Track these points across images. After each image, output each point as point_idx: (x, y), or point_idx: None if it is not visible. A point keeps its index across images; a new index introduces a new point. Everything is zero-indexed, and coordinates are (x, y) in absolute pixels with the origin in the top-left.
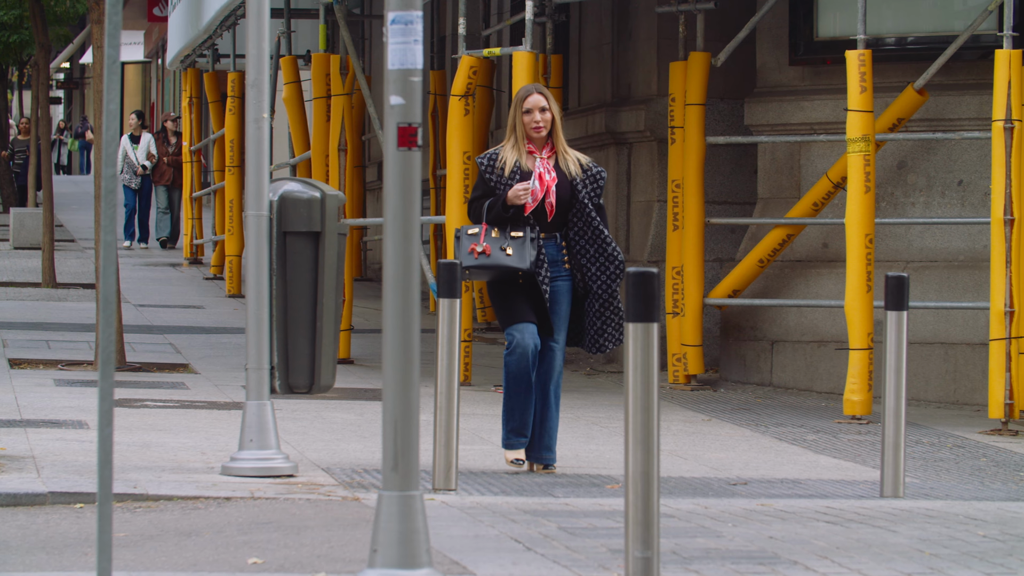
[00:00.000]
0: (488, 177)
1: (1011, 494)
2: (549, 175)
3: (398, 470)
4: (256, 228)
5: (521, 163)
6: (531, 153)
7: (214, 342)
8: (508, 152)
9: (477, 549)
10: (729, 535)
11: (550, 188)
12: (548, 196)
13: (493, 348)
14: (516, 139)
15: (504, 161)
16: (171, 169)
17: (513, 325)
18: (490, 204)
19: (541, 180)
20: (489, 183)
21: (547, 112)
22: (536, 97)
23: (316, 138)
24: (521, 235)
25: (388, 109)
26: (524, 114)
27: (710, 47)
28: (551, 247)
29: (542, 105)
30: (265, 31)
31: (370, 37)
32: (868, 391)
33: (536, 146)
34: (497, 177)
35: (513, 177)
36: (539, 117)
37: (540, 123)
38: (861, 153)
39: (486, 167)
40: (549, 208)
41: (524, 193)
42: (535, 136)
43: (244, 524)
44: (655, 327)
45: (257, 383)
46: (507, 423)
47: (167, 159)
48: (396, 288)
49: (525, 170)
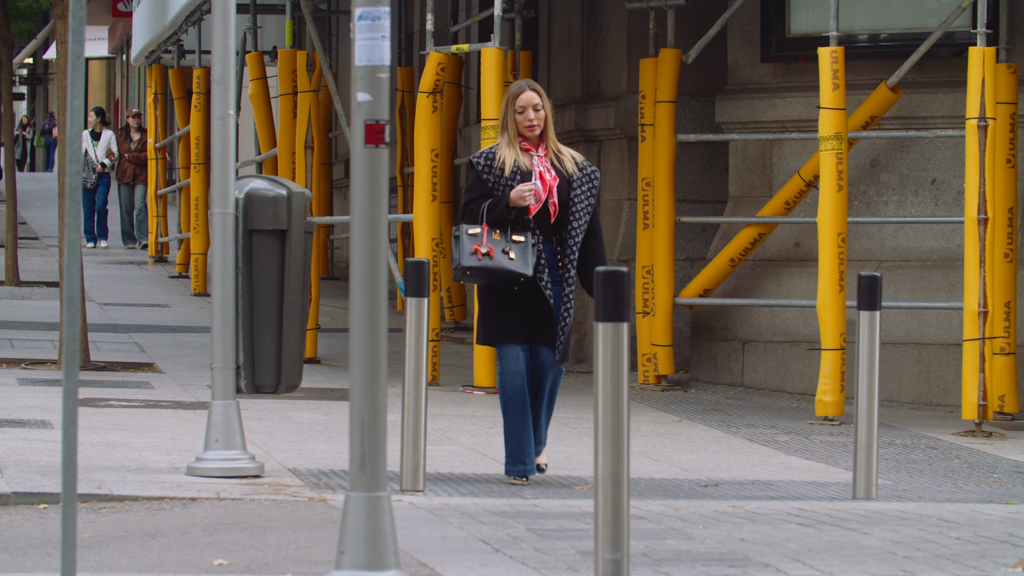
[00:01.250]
0: (486, 177)
1: (984, 496)
2: (550, 175)
3: (365, 471)
4: (222, 226)
5: (519, 163)
6: (526, 151)
7: (179, 341)
8: (505, 151)
9: (445, 551)
10: (700, 537)
11: (552, 188)
12: (551, 196)
13: (461, 348)
14: (509, 137)
15: (503, 161)
16: (132, 166)
17: (503, 345)
18: (490, 205)
19: (543, 180)
20: (487, 183)
21: (541, 110)
22: (529, 94)
23: (282, 135)
24: (523, 239)
25: (355, 106)
26: (517, 112)
27: (681, 44)
28: (548, 251)
29: (535, 103)
30: (231, 27)
31: (337, 33)
32: (840, 392)
33: (530, 144)
34: (496, 177)
35: (514, 177)
36: (533, 115)
37: (534, 121)
38: (833, 151)
39: (483, 167)
40: (553, 209)
41: (529, 194)
42: (529, 134)
43: (210, 525)
44: (625, 327)
45: (223, 382)
46: (506, 446)
47: (128, 156)
48: (363, 287)
49: (524, 169)
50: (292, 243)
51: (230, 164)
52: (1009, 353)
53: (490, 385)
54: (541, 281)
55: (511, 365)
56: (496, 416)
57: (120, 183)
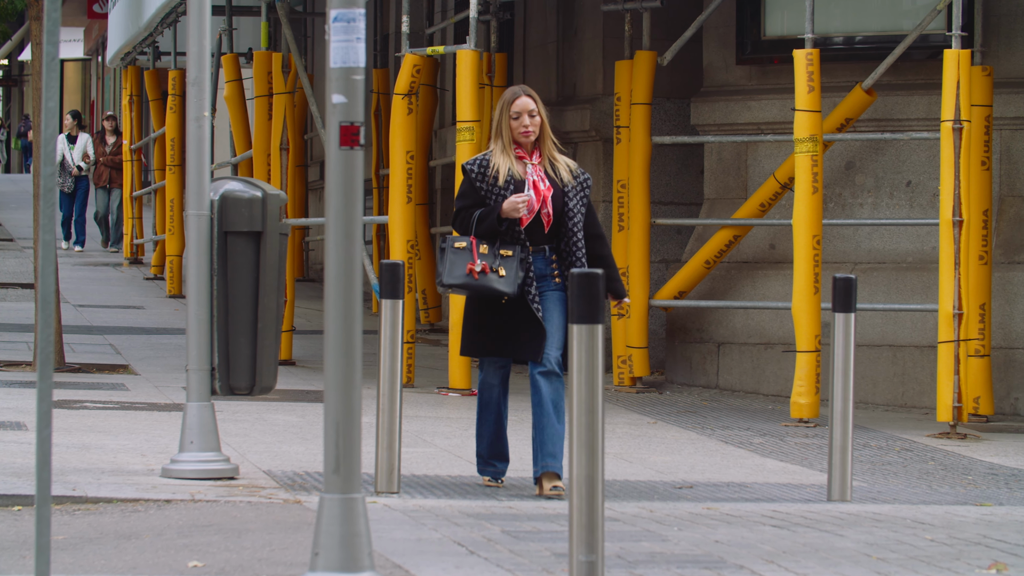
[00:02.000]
0: (479, 185)
1: (959, 498)
2: (543, 184)
3: (340, 473)
4: (197, 228)
5: (513, 172)
6: (520, 158)
7: (155, 343)
8: (499, 158)
9: (420, 553)
10: (674, 539)
11: (546, 199)
12: (544, 207)
13: (436, 350)
14: (503, 144)
15: (496, 168)
16: (108, 170)
17: (483, 358)
18: (481, 215)
19: (536, 190)
20: (479, 191)
21: (536, 116)
22: (524, 100)
23: (258, 137)
24: (511, 253)
25: (330, 108)
26: (512, 119)
27: (656, 46)
28: (539, 260)
29: (530, 108)
30: (206, 28)
31: (313, 35)
32: (815, 394)
33: (525, 151)
34: (488, 186)
35: (508, 186)
36: (528, 122)
37: (530, 128)
38: (809, 153)
39: (476, 174)
40: (546, 219)
41: (522, 205)
42: (523, 141)
43: (184, 527)
44: (600, 328)
45: (198, 384)
46: (477, 446)
47: (103, 160)
48: (338, 288)
49: (517, 178)
50: (267, 245)
51: (205, 166)
52: (984, 355)
53: (465, 387)
54: (529, 295)
55: (489, 378)
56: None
57: (96, 187)
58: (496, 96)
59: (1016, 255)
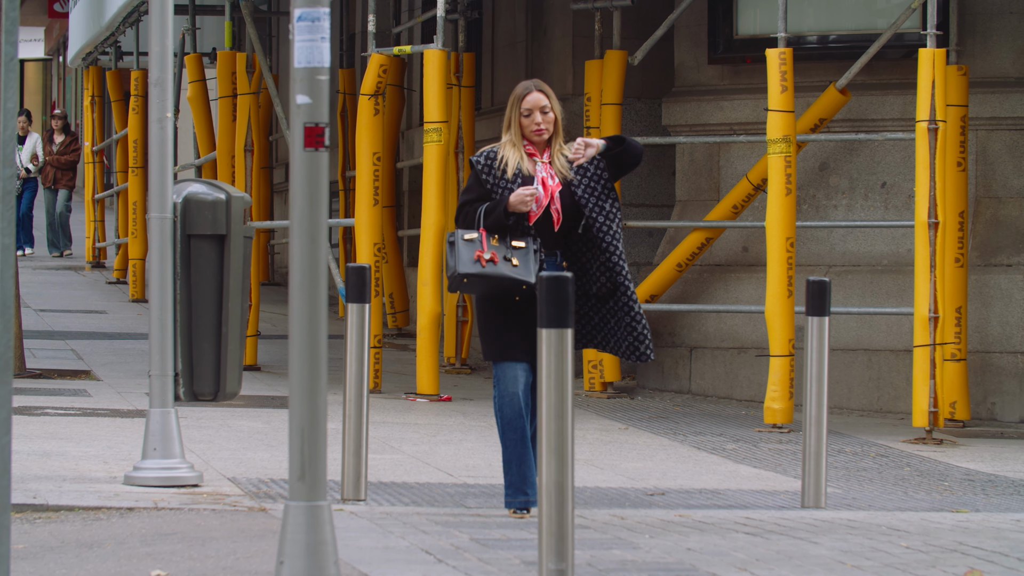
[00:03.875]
0: (485, 178)
1: (935, 504)
2: (552, 180)
3: (305, 480)
4: (160, 231)
5: (522, 167)
6: (531, 156)
7: (117, 348)
8: (508, 151)
9: (387, 561)
10: (646, 547)
11: (554, 194)
12: (553, 203)
13: (404, 355)
14: (514, 139)
15: (505, 161)
16: (54, 170)
17: (501, 363)
18: (488, 208)
19: (545, 186)
20: (485, 185)
21: (549, 113)
22: (536, 96)
23: (222, 138)
24: (524, 245)
25: (294, 108)
26: (523, 116)
27: (627, 45)
28: (551, 266)
29: (543, 104)
30: (169, 28)
31: (277, 34)
32: (789, 399)
33: (536, 149)
34: (496, 179)
35: (516, 180)
36: (540, 119)
37: (543, 126)
38: (782, 154)
39: (483, 166)
40: (556, 216)
41: (530, 198)
42: (536, 139)
43: (147, 535)
44: (569, 332)
45: (161, 390)
46: (505, 475)
47: (50, 159)
48: (302, 292)
49: (526, 174)
50: (231, 248)
51: (168, 168)
52: (960, 359)
53: (433, 392)
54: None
55: (508, 387)
56: (440, 424)
57: (44, 188)
58: (464, 97)
59: (992, 257)
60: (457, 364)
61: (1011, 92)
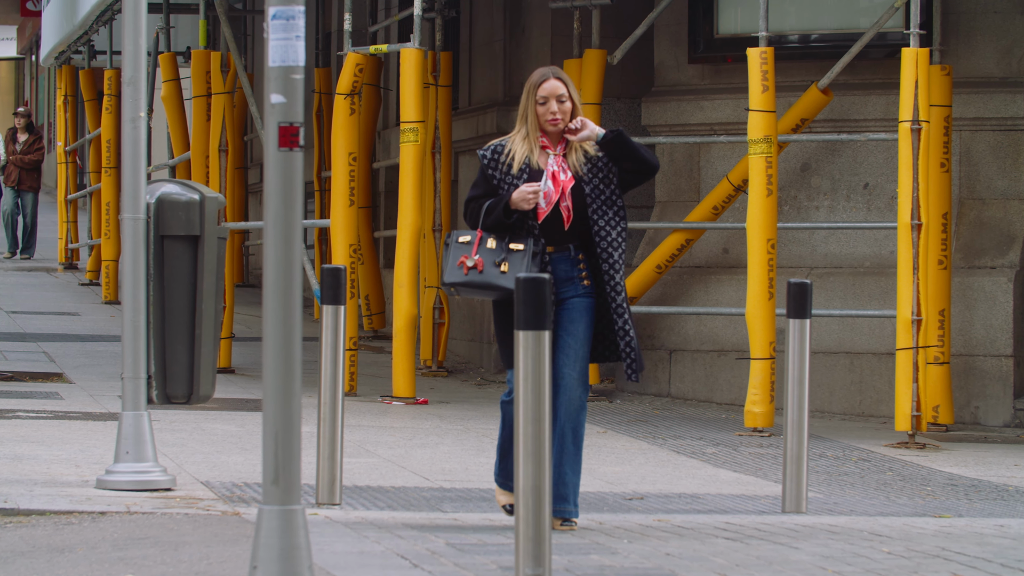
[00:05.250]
0: (491, 173)
1: (917, 509)
2: (565, 175)
3: (279, 484)
4: (132, 232)
5: (532, 159)
6: (544, 148)
7: (90, 350)
8: (517, 144)
9: (362, 566)
10: (624, 552)
11: (565, 190)
12: (564, 200)
13: (380, 357)
14: (527, 130)
15: (512, 154)
16: (17, 170)
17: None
18: (490, 206)
19: (555, 180)
20: (491, 180)
21: (566, 102)
22: (553, 83)
23: (196, 138)
24: (522, 247)
25: (269, 108)
26: (539, 104)
27: (606, 44)
28: (563, 262)
29: (560, 93)
30: (142, 26)
31: (252, 33)
32: (770, 402)
33: (551, 141)
34: (502, 174)
35: (521, 175)
36: (556, 108)
37: (558, 115)
38: (763, 155)
39: (489, 160)
40: (566, 214)
41: (533, 195)
42: (551, 129)
43: (119, 540)
44: (547, 335)
45: (133, 393)
46: (501, 460)
47: (13, 159)
48: (276, 294)
49: (535, 168)
50: (205, 249)
51: (141, 168)
52: (943, 362)
53: (409, 396)
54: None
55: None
56: (416, 427)
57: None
58: (441, 96)
59: (976, 259)
60: (433, 367)
61: (995, 92)
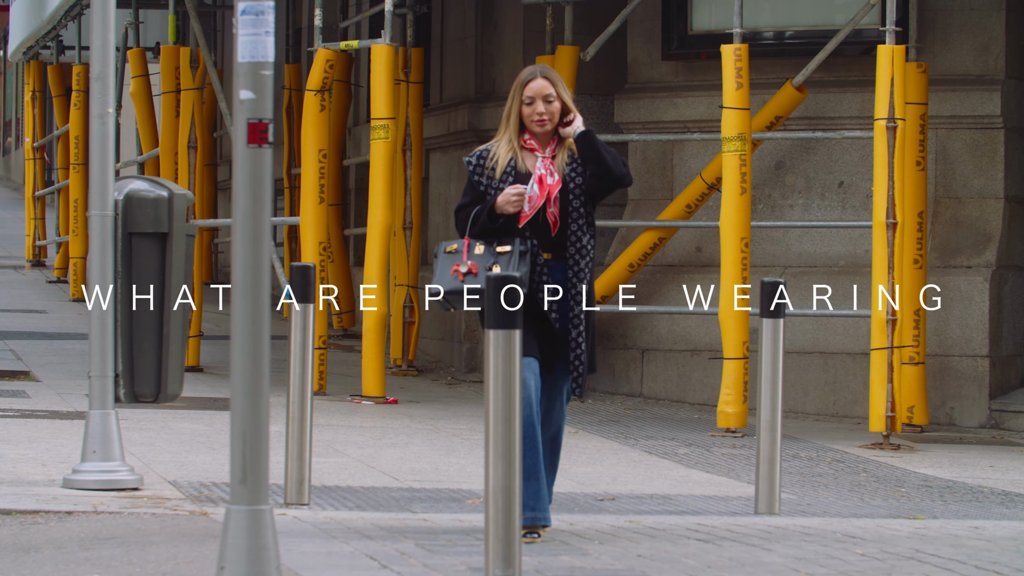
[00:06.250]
0: (477, 180)
1: (891, 511)
2: (552, 178)
3: (247, 483)
4: (100, 229)
5: (517, 162)
6: (531, 151)
7: (57, 348)
8: (502, 148)
9: (330, 567)
10: (595, 553)
11: (551, 195)
12: (550, 205)
13: (349, 356)
14: (510, 132)
15: (496, 158)
16: None
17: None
18: (476, 213)
19: (541, 184)
20: (479, 187)
21: (554, 102)
22: (541, 83)
23: (165, 134)
24: (508, 249)
25: (238, 104)
26: (525, 104)
27: (579, 41)
28: (558, 271)
29: (547, 93)
30: (111, 21)
31: (222, 29)
32: (743, 403)
33: (539, 142)
34: (487, 180)
35: (506, 179)
36: (543, 108)
37: (544, 116)
38: (737, 153)
39: (475, 167)
40: (552, 220)
41: (517, 198)
42: (537, 130)
43: (86, 540)
44: (517, 334)
45: (101, 391)
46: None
47: None
48: (245, 292)
49: (522, 171)
50: (173, 246)
51: (109, 164)
52: (918, 363)
53: (379, 395)
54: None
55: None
56: (385, 427)
57: None
58: (412, 93)
59: (952, 259)
60: (404, 366)
61: (971, 90)
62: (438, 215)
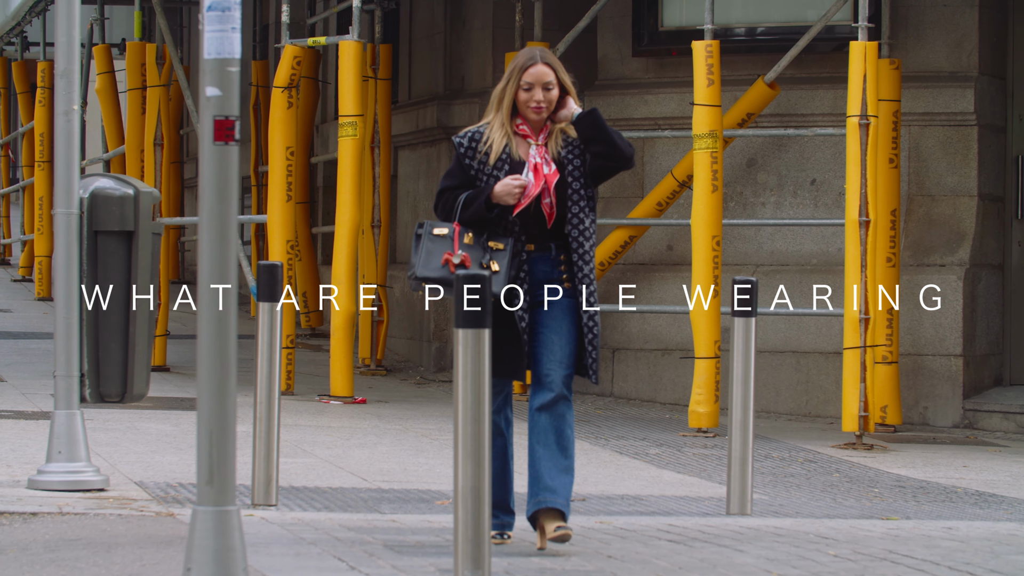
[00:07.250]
0: (468, 163)
1: (864, 511)
2: (548, 167)
3: (213, 484)
4: (65, 227)
5: (511, 149)
6: (524, 137)
7: (22, 348)
8: (496, 132)
9: (298, 568)
10: (565, 554)
11: (549, 185)
12: (546, 195)
13: (317, 355)
14: (503, 116)
15: (490, 143)
16: None
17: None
18: (468, 198)
19: (537, 173)
20: (468, 170)
21: (552, 89)
22: (541, 68)
23: (131, 132)
24: (503, 247)
25: (204, 101)
26: (522, 90)
27: (549, 37)
28: (543, 263)
29: (546, 80)
30: (75, 17)
31: (189, 25)
32: (715, 402)
33: (532, 129)
34: (479, 164)
35: (501, 167)
36: (541, 96)
37: (542, 103)
38: (708, 150)
39: (466, 149)
40: (547, 211)
41: (518, 190)
42: (534, 118)
43: (51, 541)
44: (487, 333)
45: (66, 391)
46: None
47: None
48: (211, 291)
49: (516, 159)
50: (139, 245)
51: (74, 162)
52: (892, 362)
53: (347, 395)
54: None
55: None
56: (354, 427)
57: None
58: (380, 90)
59: (925, 257)
60: (372, 365)
61: (945, 87)
62: (407, 213)
